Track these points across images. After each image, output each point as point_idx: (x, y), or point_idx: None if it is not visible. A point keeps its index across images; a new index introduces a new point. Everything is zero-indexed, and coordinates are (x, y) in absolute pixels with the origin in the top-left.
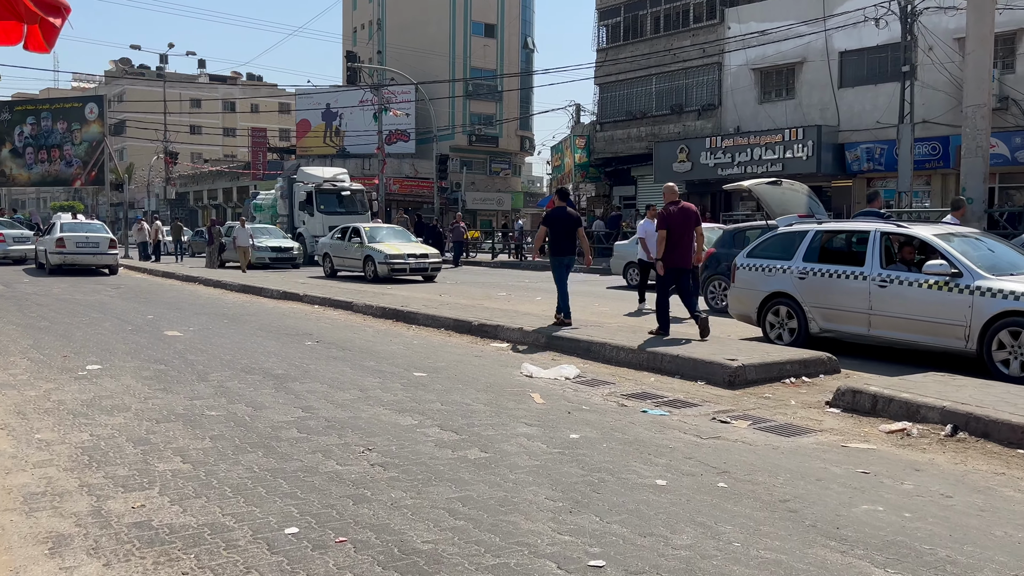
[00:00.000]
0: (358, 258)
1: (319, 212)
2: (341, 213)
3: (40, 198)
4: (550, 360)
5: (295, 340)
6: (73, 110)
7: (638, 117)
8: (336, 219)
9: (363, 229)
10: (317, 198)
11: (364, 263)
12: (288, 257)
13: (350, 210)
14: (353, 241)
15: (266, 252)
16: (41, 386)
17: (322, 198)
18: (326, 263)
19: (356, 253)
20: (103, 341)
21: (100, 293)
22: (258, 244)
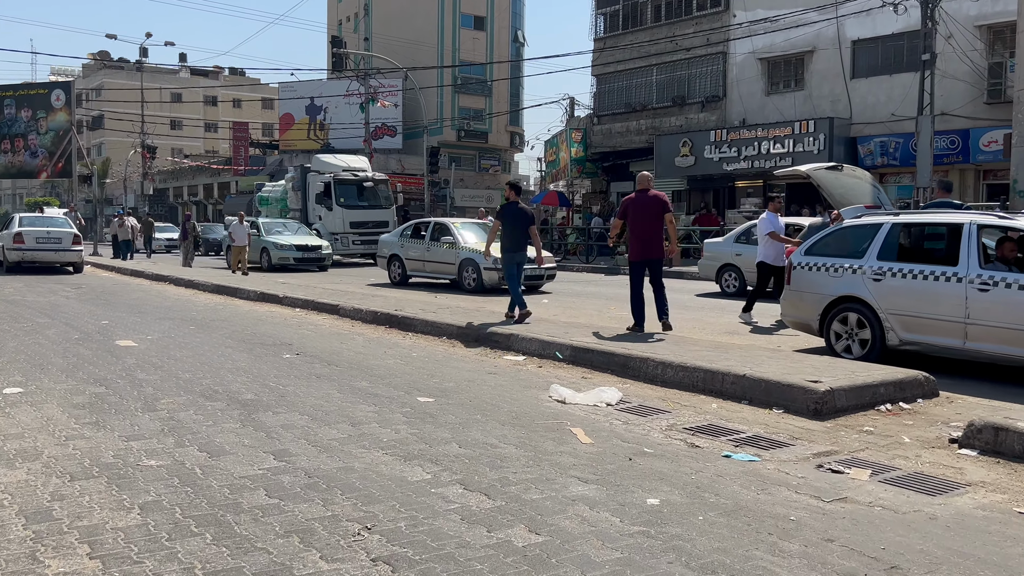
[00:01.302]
0: (450, 262)
1: (339, 206)
2: (363, 207)
3: (16, 194)
4: (580, 379)
5: (271, 352)
6: (38, 97)
7: (638, 109)
8: (357, 214)
9: (453, 226)
10: (336, 190)
11: (460, 269)
12: (316, 257)
13: (373, 203)
14: (442, 241)
15: (290, 252)
16: None
17: (342, 189)
18: (393, 267)
19: (447, 256)
20: (38, 354)
21: (57, 294)
22: (280, 242)
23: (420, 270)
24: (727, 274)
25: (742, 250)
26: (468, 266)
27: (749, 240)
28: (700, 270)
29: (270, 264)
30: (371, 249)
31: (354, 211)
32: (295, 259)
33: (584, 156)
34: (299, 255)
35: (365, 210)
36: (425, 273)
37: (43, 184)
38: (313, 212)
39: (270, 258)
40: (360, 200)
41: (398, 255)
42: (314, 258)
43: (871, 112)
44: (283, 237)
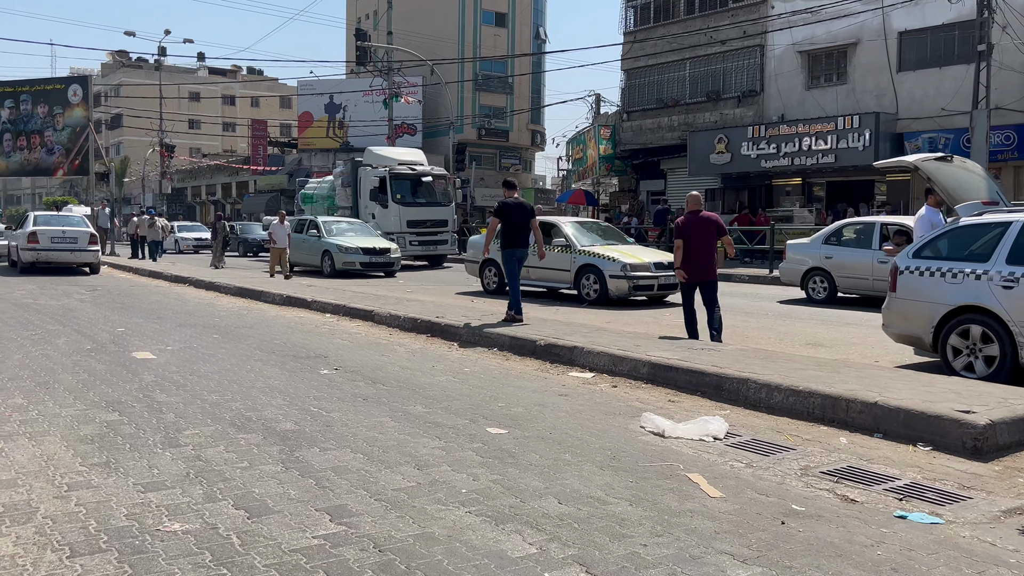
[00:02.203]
0: (564, 268)
1: (394, 202)
2: (421, 204)
3: (35, 193)
4: (667, 402)
5: (306, 367)
6: (55, 92)
7: (670, 105)
8: (415, 211)
9: (565, 226)
10: (392, 185)
11: (578, 276)
12: (384, 262)
13: (431, 200)
14: (553, 244)
15: (356, 255)
16: None
17: (398, 185)
18: (487, 274)
19: (559, 261)
20: (45, 368)
21: (71, 297)
22: (345, 245)
23: (523, 277)
24: (815, 279)
25: (833, 252)
26: (589, 273)
27: (840, 241)
28: (782, 275)
29: (333, 269)
30: (428, 251)
31: (411, 208)
32: (361, 264)
33: (613, 153)
34: (366, 259)
35: (423, 207)
36: (530, 281)
37: (62, 183)
38: (365, 210)
39: (333, 263)
40: (417, 196)
41: (494, 260)
42: (382, 263)
43: (919, 107)
44: (347, 238)
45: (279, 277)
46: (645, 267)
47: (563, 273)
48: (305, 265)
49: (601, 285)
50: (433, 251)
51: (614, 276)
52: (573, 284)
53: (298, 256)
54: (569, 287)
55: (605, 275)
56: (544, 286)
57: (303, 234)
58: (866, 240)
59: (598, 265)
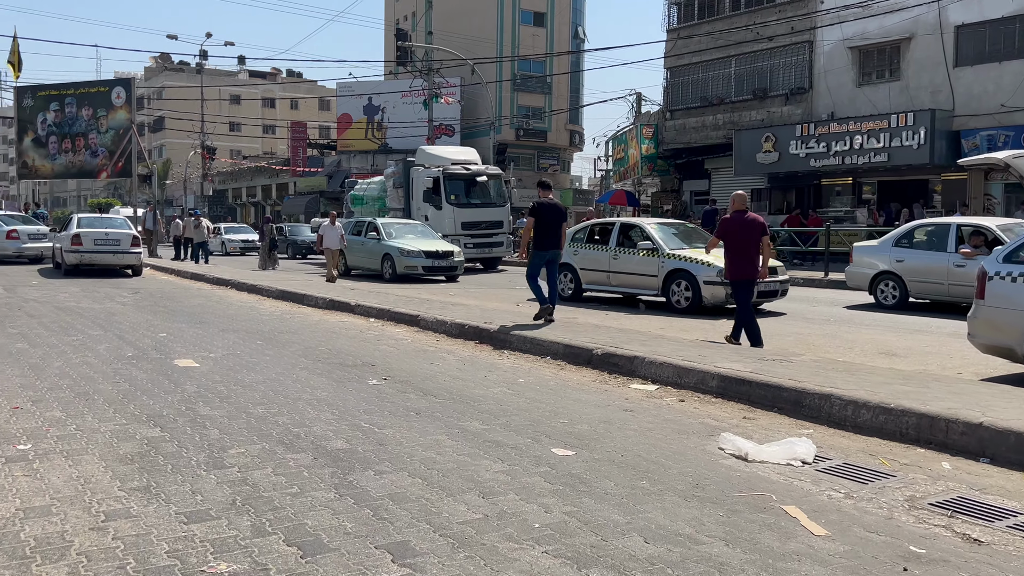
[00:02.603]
0: (651, 273)
1: (448, 203)
2: (476, 205)
3: (80, 195)
4: (742, 419)
5: (354, 376)
6: (99, 95)
7: (714, 103)
8: (470, 212)
9: (651, 228)
10: (446, 185)
11: (668, 282)
12: (447, 266)
13: (486, 201)
14: (639, 248)
15: (418, 259)
16: None
17: (452, 185)
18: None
19: (645, 266)
20: (85, 377)
21: (113, 300)
22: (407, 248)
23: (602, 283)
24: (884, 283)
25: (905, 255)
26: (679, 279)
27: (912, 244)
28: (849, 279)
29: (394, 274)
30: (484, 253)
31: (466, 210)
32: (424, 268)
33: (655, 153)
34: (428, 263)
35: (478, 208)
36: (610, 287)
37: (106, 185)
38: (417, 212)
39: (394, 267)
40: (472, 197)
41: (568, 264)
42: (445, 266)
43: (976, 103)
44: (408, 241)
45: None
46: None
47: (649, 279)
48: (364, 269)
49: (694, 292)
50: (488, 254)
51: (709, 282)
52: (661, 291)
53: (356, 260)
54: (655, 294)
55: (699, 281)
56: (624, 293)
57: (362, 237)
58: (940, 242)
59: (690, 270)
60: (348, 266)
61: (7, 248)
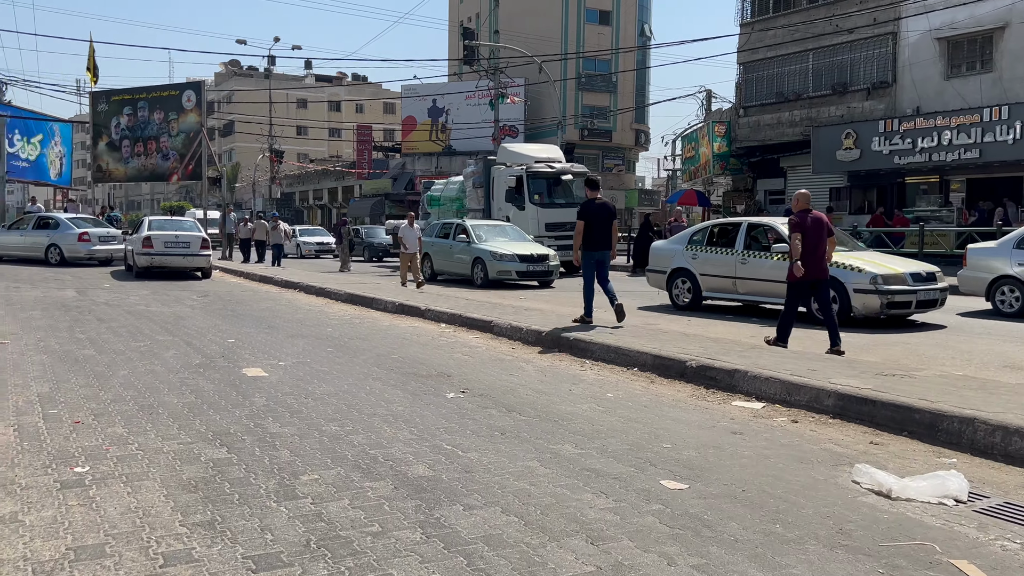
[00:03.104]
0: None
1: (532, 203)
2: (560, 205)
3: (153, 198)
4: (868, 444)
5: (430, 388)
6: (170, 99)
7: (791, 99)
8: (554, 213)
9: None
10: (530, 184)
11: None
12: (542, 271)
13: (571, 200)
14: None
15: (511, 263)
16: None
17: (535, 184)
18: (678, 285)
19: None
20: (150, 388)
21: (182, 303)
22: (499, 251)
23: (726, 290)
24: (1004, 289)
25: None
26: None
27: None
28: (962, 284)
29: (485, 279)
30: (567, 256)
31: (550, 210)
32: (518, 272)
33: (728, 151)
34: (523, 268)
35: (562, 208)
36: (736, 295)
37: (178, 189)
38: (498, 212)
39: (486, 272)
40: (556, 197)
41: (687, 269)
42: (540, 271)
43: None
44: (500, 244)
45: (411, 285)
46: (900, 279)
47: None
48: (452, 274)
49: (842, 301)
50: (571, 256)
51: (861, 291)
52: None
53: (443, 264)
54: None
55: (848, 289)
56: (753, 301)
57: (450, 240)
58: None
59: (837, 277)
60: (434, 271)
61: (79, 251)
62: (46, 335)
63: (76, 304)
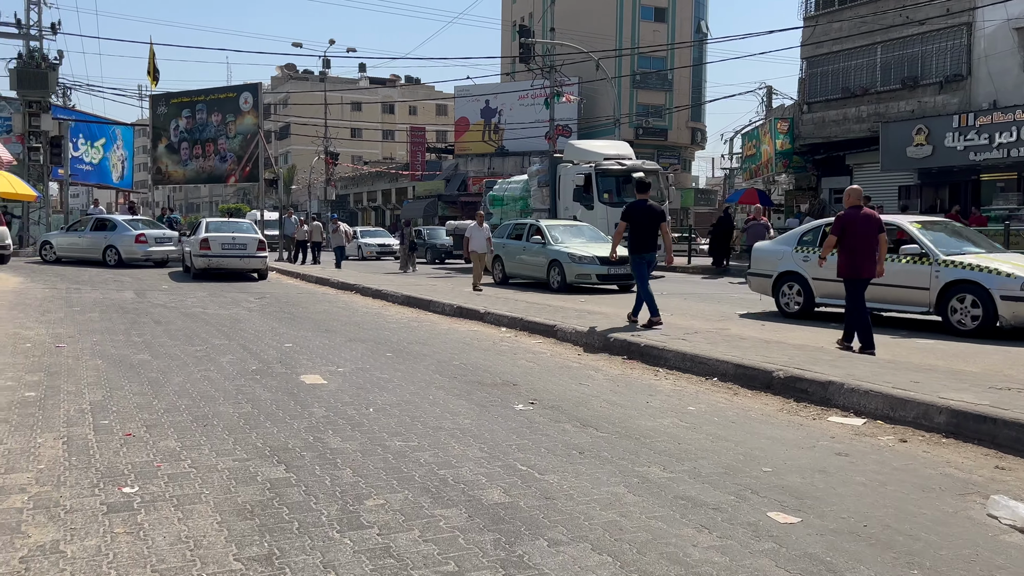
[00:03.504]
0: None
1: (601, 202)
2: None
3: (212, 201)
4: (995, 470)
5: (496, 399)
6: (228, 100)
7: (858, 94)
8: None
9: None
10: (599, 183)
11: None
12: (625, 273)
13: None
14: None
15: (591, 266)
16: (24, 539)
17: (605, 182)
18: (786, 291)
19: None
20: (205, 396)
21: (239, 305)
22: (576, 253)
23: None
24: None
25: None
26: (963, 292)
27: None
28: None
29: (563, 283)
30: None
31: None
32: (598, 276)
33: (791, 148)
34: (604, 270)
35: None
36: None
37: (236, 191)
38: (565, 212)
39: (563, 275)
40: (627, 196)
41: (797, 272)
42: (622, 274)
43: None
44: (578, 245)
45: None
46: None
47: (916, 292)
48: (525, 277)
49: (985, 309)
50: None
51: (1011, 297)
52: (935, 307)
53: (516, 267)
54: (925, 311)
55: (994, 296)
56: (877, 309)
57: (523, 241)
58: None
59: (980, 282)
60: (506, 274)
61: (136, 252)
62: (102, 338)
63: (134, 306)
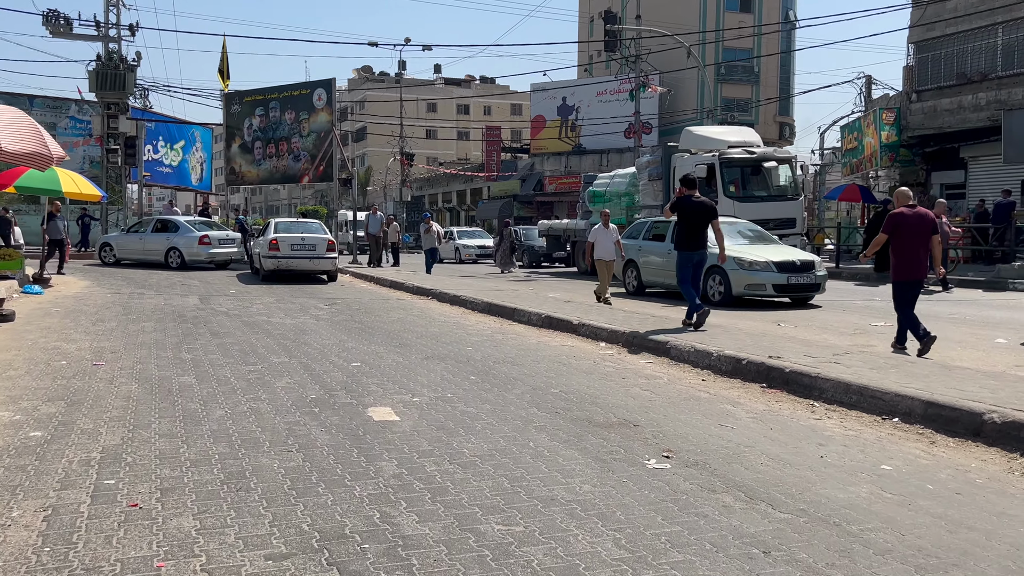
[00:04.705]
0: None
1: (726, 197)
2: (762, 198)
3: (291, 203)
4: None
5: (616, 446)
6: (301, 98)
7: (975, 80)
8: (755, 208)
9: None
10: (723, 174)
11: None
12: (808, 283)
13: (775, 193)
14: None
15: (766, 274)
16: None
17: (730, 173)
18: None
19: None
20: (247, 438)
21: (307, 312)
22: (746, 258)
23: None
24: None
25: None
26: None
27: None
28: None
29: (727, 294)
30: None
31: (749, 204)
32: (775, 287)
33: (898, 141)
34: (781, 279)
35: (764, 203)
36: None
37: (313, 193)
38: None
39: (728, 285)
40: (756, 189)
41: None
42: (805, 284)
43: None
44: (744, 248)
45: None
46: None
47: None
48: (670, 286)
49: None
50: None
51: None
52: None
53: (657, 274)
54: None
55: None
56: None
57: (667, 243)
58: None
59: None
60: (642, 283)
61: (199, 254)
62: (148, 354)
63: (194, 314)
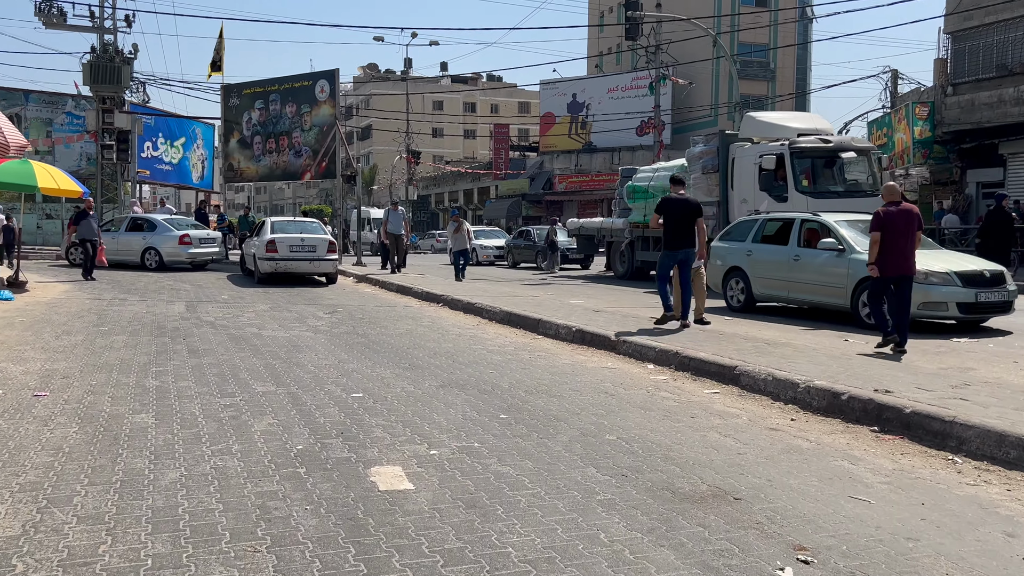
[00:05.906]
0: None
1: (798, 192)
2: (838, 195)
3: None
4: None
5: (722, 539)
6: (303, 90)
7: (1017, 72)
8: (832, 205)
9: None
10: (794, 166)
11: None
12: (1001, 301)
13: (852, 189)
14: None
15: (949, 289)
16: None
17: (801, 165)
18: None
19: None
20: (200, 527)
21: (304, 323)
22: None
23: None
24: None
25: None
26: None
27: None
28: None
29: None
30: None
31: (825, 201)
32: (961, 305)
33: (931, 136)
34: (969, 297)
35: (842, 199)
36: None
37: (319, 192)
38: (742, 205)
39: None
40: (832, 184)
41: None
42: (997, 302)
43: None
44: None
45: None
46: None
47: None
48: (798, 301)
49: None
50: None
51: None
52: None
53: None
54: None
55: None
56: None
57: (791, 246)
58: None
59: None
60: (753, 295)
61: (179, 254)
62: (106, 380)
63: (175, 325)
